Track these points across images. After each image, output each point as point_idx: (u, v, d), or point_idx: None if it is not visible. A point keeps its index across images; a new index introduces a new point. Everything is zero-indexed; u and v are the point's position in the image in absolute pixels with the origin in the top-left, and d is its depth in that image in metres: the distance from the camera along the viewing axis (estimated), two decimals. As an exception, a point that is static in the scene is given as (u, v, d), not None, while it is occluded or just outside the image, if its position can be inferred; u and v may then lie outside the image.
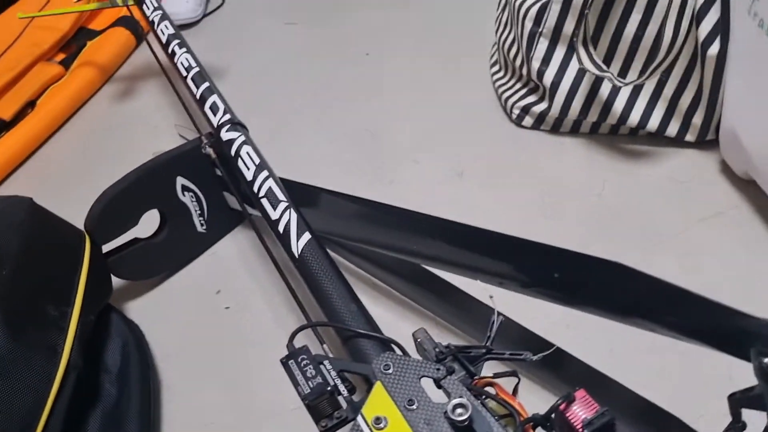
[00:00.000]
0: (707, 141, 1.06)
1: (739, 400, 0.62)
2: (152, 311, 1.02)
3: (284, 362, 0.66)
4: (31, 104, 1.50)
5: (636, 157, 1.08)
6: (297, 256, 0.81)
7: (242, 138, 0.97)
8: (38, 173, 1.39)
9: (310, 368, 0.65)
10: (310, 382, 0.64)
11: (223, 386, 0.91)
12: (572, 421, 0.61)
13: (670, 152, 1.08)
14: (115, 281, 1.02)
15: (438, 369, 0.64)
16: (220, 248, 1.10)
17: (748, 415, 0.62)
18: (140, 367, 0.91)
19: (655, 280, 0.61)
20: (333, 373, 0.66)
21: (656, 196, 1.02)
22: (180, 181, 1.04)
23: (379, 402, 0.62)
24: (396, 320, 0.90)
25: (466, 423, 0.60)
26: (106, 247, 0.99)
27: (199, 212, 1.07)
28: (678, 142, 1.08)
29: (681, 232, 0.95)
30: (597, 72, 1.01)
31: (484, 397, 0.63)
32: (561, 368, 0.76)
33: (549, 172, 1.10)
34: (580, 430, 0.59)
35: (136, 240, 1.03)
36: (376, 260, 0.93)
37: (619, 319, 0.68)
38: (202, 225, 1.08)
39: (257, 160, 0.93)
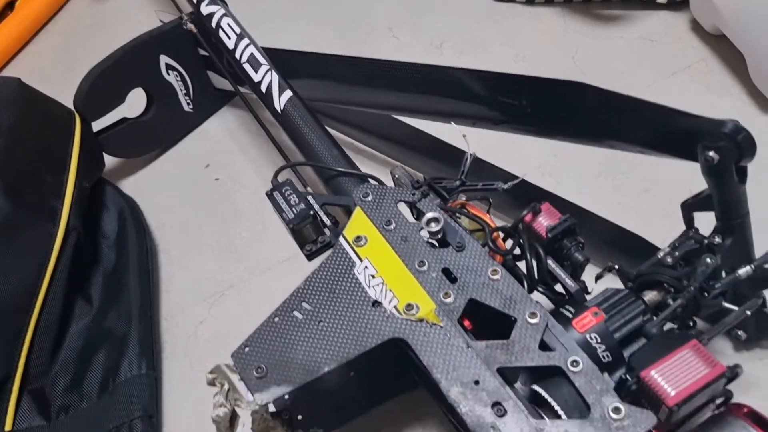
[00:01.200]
0: (678, 2, 1.08)
1: (690, 206, 0.67)
2: (145, 186, 1.06)
3: (269, 194, 0.70)
4: (9, 6, 1.50)
5: (609, 22, 1.11)
6: (280, 112, 0.85)
7: (222, 11, 0.99)
8: (22, 75, 1.40)
9: (293, 197, 0.70)
10: (294, 209, 0.69)
11: (217, 249, 0.96)
12: (537, 229, 0.66)
13: (643, 15, 1.10)
14: (109, 161, 1.06)
15: (413, 193, 0.69)
16: (207, 127, 1.13)
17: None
18: (136, 232, 0.95)
19: (614, 94, 0.65)
20: (317, 206, 0.71)
21: (628, 55, 1.05)
22: (164, 59, 1.06)
23: (359, 225, 0.67)
24: (373, 173, 0.94)
25: (439, 235, 0.65)
26: (96, 126, 1.02)
27: (184, 91, 1.09)
28: (650, 4, 1.10)
29: (651, 84, 0.99)
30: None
31: (457, 215, 0.67)
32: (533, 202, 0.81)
33: (525, 41, 1.12)
34: (545, 235, 0.64)
35: (124, 119, 1.06)
36: (350, 119, 0.97)
37: (588, 142, 0.72)
38: (188, 104, 1.11)
39: (238, 30, 0.95)
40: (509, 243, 0.65)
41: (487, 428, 0.54)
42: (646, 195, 0.86)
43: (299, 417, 0.69)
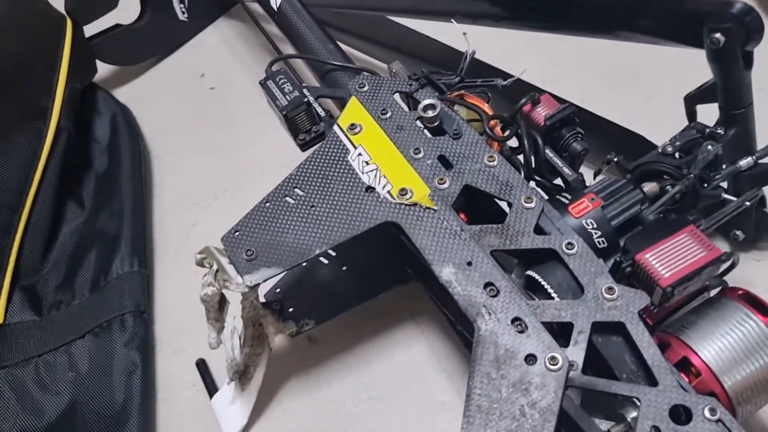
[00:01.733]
0: None
1: (693, 98, 0.66)
2: (139, 95, 1.04)
3: (263, 82, 0.69)
4: None
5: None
6: (276, 10, 0.82)
7: None
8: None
9: (287, 85, 0.68)
10: (287, 96, 0.67)
11: (211, 154, 0.94)
12: (535, 118, 0.64)
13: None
14: (103, 70, 1.04)
15: (410, 84, 0.67)
16: (203, 38, 1.11)
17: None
18: (129, 137, 0.94)
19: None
20: (311, 97, 0.69)
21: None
22: (157, -37, 1.03)
23: (353, 113, 0.65)
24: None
25: (435, 123, 0.63)
26: (89, 32, 1.00)
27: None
28: None
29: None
30: None
31: (455, 105, 0.66)
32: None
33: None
34: (543, 123, 0.63)
35: (117, 25, 1.03)
36: (344, 25, 0.94)
37: (594, 33, 0.70)
38: (183, 13, 1.08)
39: (233, -71, 0.93)
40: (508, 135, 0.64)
41: (478, 307, 0.54)
42: (649, 102, 0.84)
43: (290, 309, 0.69)
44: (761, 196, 0.72)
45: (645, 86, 0.87)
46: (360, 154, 0.63)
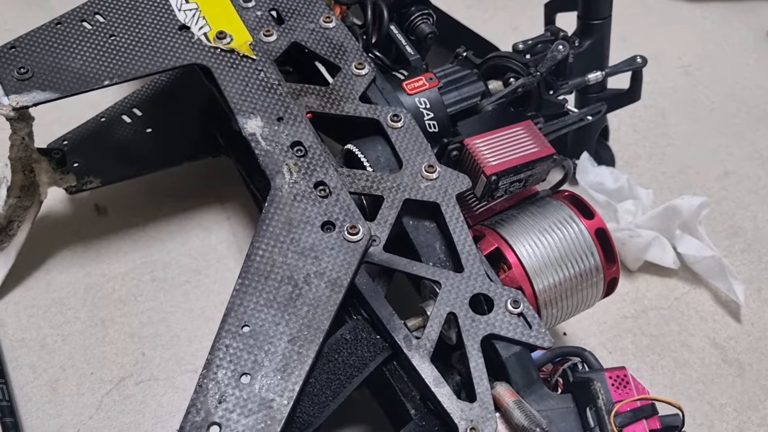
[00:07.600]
0: None
1: (553, 6, 0.62)
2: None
3: None
4: None
5: None
6: None
7: None
8: None
9: None
10: None
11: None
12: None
13: None
14: None
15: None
16: None
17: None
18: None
19: None
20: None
21: None
22: None
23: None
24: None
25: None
26: None
27: None
28: None
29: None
30: None
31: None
32: None
33: None
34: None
35: None
36: None
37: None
38: None
39: None
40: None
41: (280, 165, 0.46)
42: (514, 32, 0.81)
43: (75, 164, 0.59)
44: (605, 126, 0.69)
45: (512, 16, 0.84)
46: (181, -9, 0.54)
